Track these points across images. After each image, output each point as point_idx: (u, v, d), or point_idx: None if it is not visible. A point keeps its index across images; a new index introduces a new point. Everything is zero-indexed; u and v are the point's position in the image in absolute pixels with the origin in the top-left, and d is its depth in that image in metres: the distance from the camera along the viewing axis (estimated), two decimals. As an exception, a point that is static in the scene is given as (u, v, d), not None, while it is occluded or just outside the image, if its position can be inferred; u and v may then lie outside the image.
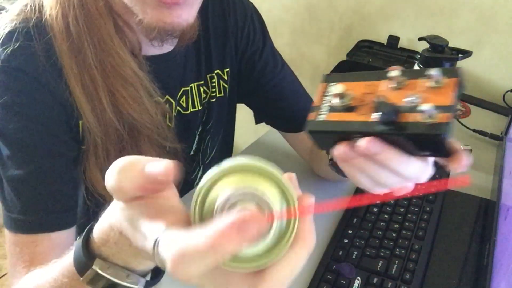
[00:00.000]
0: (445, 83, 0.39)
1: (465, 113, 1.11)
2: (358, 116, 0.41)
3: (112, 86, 0.59)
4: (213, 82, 0.77)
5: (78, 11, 0.57)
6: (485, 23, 1.13)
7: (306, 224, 0.30)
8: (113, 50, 0.59)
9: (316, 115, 0.43)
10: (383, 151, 0.40)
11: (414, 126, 0.38)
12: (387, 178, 0.43)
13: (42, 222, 0.58)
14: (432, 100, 0.38)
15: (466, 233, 0.73)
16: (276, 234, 0.29)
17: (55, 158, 0.59)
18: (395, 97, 0.40)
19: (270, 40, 0.82)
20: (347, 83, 0.44)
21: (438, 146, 0.39)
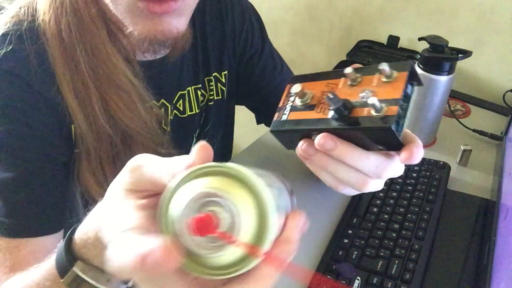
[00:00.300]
0: (396, 77, 0.40)
1: (465, 113, 1.11)
2: (316, 114, 0.43)
3: (105, 93, 0.59)
4: (210, 85, 0.76)
5: (71, 17, 0.57)
6: (485, 23, 1.13)
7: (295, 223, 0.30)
8: (106, 57, 0.58)
9: (279, 115, 0.45)
10: (338, 147, 0.41)
11: (364, 120, 0.39)
12: (346, 174, 0.43)
13: (28, 226, 0.57)
14: (381, 94, 0.39)
15: (466, 233, 0.73)
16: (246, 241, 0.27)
17: (43, 162, 0.58)
18: (350, 94, 0.41)
19: (269, 41, 0.82)
20: (309, 83, 0.45)
21: (389, 139, 0.40)
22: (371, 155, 0.42)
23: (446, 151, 0.95)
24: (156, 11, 0.53)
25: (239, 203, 0.27)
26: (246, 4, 0.79)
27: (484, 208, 0.78)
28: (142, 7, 0.53)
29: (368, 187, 0.44)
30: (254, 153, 0.96)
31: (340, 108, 0.39)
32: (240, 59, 0.79)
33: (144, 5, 0.52)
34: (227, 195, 0.26)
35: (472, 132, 1.00)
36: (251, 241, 0.27)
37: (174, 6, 0.53)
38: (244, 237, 0.26)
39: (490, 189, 0.85)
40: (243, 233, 0.26)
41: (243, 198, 0.27)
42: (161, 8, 0.53)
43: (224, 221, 0.26)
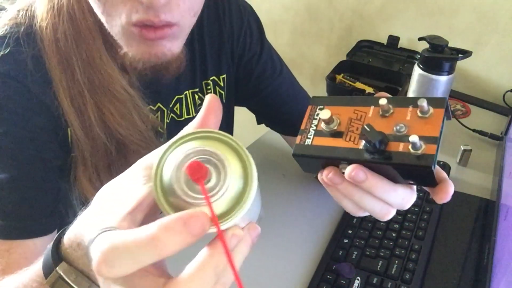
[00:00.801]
0: (432, 114, 0.39)
1: (465, 113, 1.11)
2: (345, 142, 0.41)
3: (100, 102, 0.59)
4: (208, 88, 0.76)
5: (68, 26, 0.57)
6: (485, 23, 1.13)
7: None
8: (101, 67, 0.58)
9: (302, 138, 0.44)
10: (368, 179, 0.40)
11: (400, 156, 0.38)
12: (371, 204, 0.43)
13: (20, 228, 0.57)
14: (418, 130, 0.39)
15: (466, 233, 0.73)
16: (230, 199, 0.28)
17: (36, 164, 0.58)
18: (383, 125, 0.40)
19: (268, 44, 0.81)
20: (335, 107, 0.44)
21: (423, 176, 0.40)
22: (398, 188, 0.42)
23: (446, 151, 0.95)
24: (150, 37, 0.52)
25: (230, 166, 0.28)
26: (245, 7, 0.79)
27: (484, 208, 0.78)
28: (136, 32, 0.52)
29: (390, 216, 0.45)
30: (254, 153, 0.96)
31: (378, 142, 0.39)
32: (238, 62, 0.78)
33: (138, 30, 0.52)
34: (223, 157, 0.28)
35: (472, 132, 1.01)
36: (230, 205, 0.28)
37: (169, 32, 0.53)
38: (225, 199, 0.28)
39: (490, 189, 0.85)
40: (226, 195, 0.28)
41: (234, 164, 0.29)
42: (156, 34, 0.52)
43: (213, 178, 0.28)
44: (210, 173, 0.28)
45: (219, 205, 0.28)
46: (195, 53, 0.73)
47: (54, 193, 0.61)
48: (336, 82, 1.13)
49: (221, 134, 0.30)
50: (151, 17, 0.50)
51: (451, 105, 1.10)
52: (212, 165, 0.28)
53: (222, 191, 0.28)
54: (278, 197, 0.83)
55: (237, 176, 0.28)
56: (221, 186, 0.28)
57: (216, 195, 0.27)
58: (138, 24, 0.51)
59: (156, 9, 0.49)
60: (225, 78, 0.78)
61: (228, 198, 0.28)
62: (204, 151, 0.29)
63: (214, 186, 0.28)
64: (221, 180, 0.28)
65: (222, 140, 0.30)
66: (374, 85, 1.12)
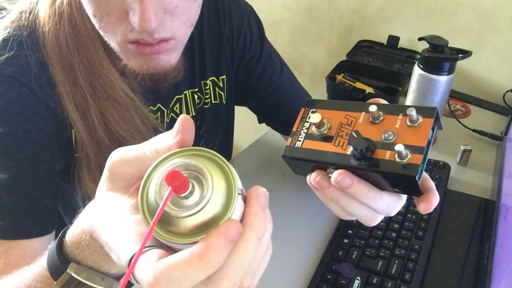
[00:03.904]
0: (421, 123, 0.39)
1: (465, 113, 1.11)
2: (334, 147, 0.42)
3: (102, 107, 0.60)
4: (206, 88, 0.76)
5: (68, 32, 0.58)
6: (485, 23, 1.13)
7: (254, 209, 0.30)
8: (103, 73, 0.59)
9: (292, 141, 0.44)
10: (354, 185, 0.41)
11: (386, 164, 0.38)
12: (357, 210, 0.43)
13: (19, 228, 0.57)
14: (406, 139, 0.39)
15: (466, 233, 0.73)
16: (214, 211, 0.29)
17: (36, 166, 0.59)
18: (372, 132, 0.41)
19: (268, 44, 0.81)
20: (327, 111, 0.44)
21: (408, 186, 0.40)
22: (384, 195, 0.42)
23: (446, 151, 0.95)
24: (146, 53, 0.53)
25: (213, 180, 0.29)
26: (245, 7, 0.78)
27: (484, 208, 0.78)
28: (132, 48, 0.53)
29: (376, 222, 0.45)
30: (254, 153, 0.96)
31: (365, 148, 0.39)
32: (238, 63, 0.78)
33: (134, 47, 0.53)
34: (204, 170, 0.29)
35: (472, 132, 1.01)
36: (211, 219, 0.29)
37: (166, 47, 0.53)
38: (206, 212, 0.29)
39: (490, 189, 0.85)
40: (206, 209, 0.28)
41: (217, 177, 0.30)
42: (152, 50, 0.53)
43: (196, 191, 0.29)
44: (193, 186, 0.29)
45: (202, 215, 0.28)
46: (194, 53, 0.73)
47: (53, 194, 0.61)
48: (336, 82, 1.13)
49: (205, 151, 0.31)
50: (145, 37, 0.51)
51: (451, 105, 1.10)
52: (196, 179, 0.29)
53: (203, 203, 0.28)
54: (278, 197, 0.83)
55: (220, 190, 0.29)
56: (204, 198, 0.28)
57: (198, 206, 0.28)
58: (133, 42, 0.52)
59: (150, 32, 0.50)
60: (224, 79, 0.78)
61: (212, 210, 0.29)
62: (187, 166, 0.29)
63: (199, 199, 0.28)
64: (204, 193, 0.28)
65: (206, 157, 0.31)
66: (374, 85, 1.11)
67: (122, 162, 0.33)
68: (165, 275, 0.26)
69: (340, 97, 1.10)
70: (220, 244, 0.27)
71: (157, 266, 0.27)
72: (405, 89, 1.02)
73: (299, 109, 0.81)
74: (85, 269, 0.36)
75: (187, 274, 0.26)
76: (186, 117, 0.32)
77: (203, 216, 0.28)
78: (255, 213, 0.30)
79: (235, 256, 0.28)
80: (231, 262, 0.28)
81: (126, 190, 0.34)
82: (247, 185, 0.32)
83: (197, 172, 0.29)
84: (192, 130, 0.32)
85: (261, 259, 0.32)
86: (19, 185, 0.57)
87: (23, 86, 0.57)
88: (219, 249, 0.27)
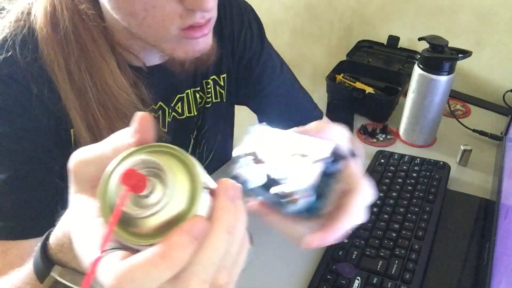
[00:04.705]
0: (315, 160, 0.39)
1: (465, 113, 1.11)
2: None
3: (113, 126, 0.60)
4: (208, 87, 0.77)
5: (78, 56, 0.57)
6: (485, 23, 1.13)
7: (221, 201, 0.29)
8: (115, 91, 0.59)
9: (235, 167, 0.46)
10: (267, 215, 0.42)
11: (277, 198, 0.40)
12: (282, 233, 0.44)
13: (17, 229, 0.57)
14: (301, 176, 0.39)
15: (466, 233, 0.73)
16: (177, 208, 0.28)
17: (35, 166, 0.58)
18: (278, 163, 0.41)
19: (268, 43, 0.81)
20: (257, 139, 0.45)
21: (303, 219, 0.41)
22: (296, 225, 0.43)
23: (446, 151, 0.95)
24: (198, 36, 0.55)
25: (175, 177, 0.28)
26: (246, 7, 0.79)
27: (484, 208, 0.78)
28: (183, 35, 0.54)
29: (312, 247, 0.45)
30: (254, 153, 0.96)
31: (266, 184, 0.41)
32: (238, 62, 0.79)
33: (186, 33, 0.54)
34: (164, 166, 0.27)
35: (472, 132, 1.01)
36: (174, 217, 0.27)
37: (209, 27, 0.56)
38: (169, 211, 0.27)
39: (490, 189, 0.85)
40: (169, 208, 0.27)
41: (179, 173, 0.28)
42: (202, 31, 0.55)
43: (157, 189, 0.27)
44: (154, 185, 0.27)
45: (165, 213, 0.27)
46: None
47: (52, 194, 0.61)
48: (336, 82, 1.13)
49: (166, 146, 0.29)
50: (199, 19, 0.53)
51: (451, 105, 1.10)
52: (157, 177, 0.28)
53: (164, 201, 0.27)
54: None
55: (183, 186, 0.28)
56: (165, 196, 0.27)
57: (159, 205, 0.27)
58: (186, 28, 0.54)
59: (207, 11, 0.52)
60: (225, 77, 0.78)
61: (175, 208, 0.27)
62: (146, 163, 0.28)
63: (160, 197, 0.27)
64: (165, 190, 0.27)
65: (168, 152, 0.29)
66: (374, 85, 1.12)
67: (83, 163, 0.32)
68: (127, 276, 0.25)
69: (340, 97, 1.10)
70: (183, 242, 0.26)
71: (118, 267, 0.26)
72: (405, 89, 1.02)
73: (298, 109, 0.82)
74: (69, 271, 0.35)
75: (149, 274, 0.25)
76: (144, 115, 0.31)
77: (166, 214, 0.27)
78: (222, 206, 0.29)
79: (203, 252, 0.27)
80: (200, 259, 0.27)
81: (92, 191, 0.33)
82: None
83: (157, 169, 0.28)
84: (151, 128, 0.31)
85: (236, 254, 0.31)
86: (18, 185, 0.57)
87: (22, 86, 0.57)
88: (182, 246, 0.26)
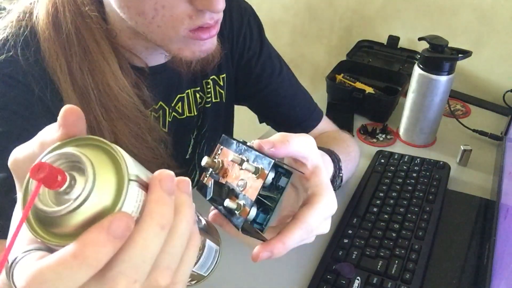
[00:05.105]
0: (259, 175, 0.40)
1: (465, 113, 1.11)
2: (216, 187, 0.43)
3: (114, 126, 0.60)
4: (208, 87, 0.77)
5: (80, 58, 0.57)
6: (485, 23, 1.13)
7: (155, 194, 0.27)
8: (117, 92, 0.59)
9: (203, 177, 0.47)
10: (224, 226, 0.43)
11: (231, 212, 0.40)
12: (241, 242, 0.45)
13: None
14: (248, 191, 0.40)
15: (466, 233, 0.73)
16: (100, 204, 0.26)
17: None
18: (235, 178, 0.42)
19: (267, 44, 0.82)
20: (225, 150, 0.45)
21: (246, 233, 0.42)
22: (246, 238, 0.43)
23: (446, 151, 0.95)
24: (206, 37, 0.55)
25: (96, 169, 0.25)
26: (245, 7, 0.79)
27: (484, 208, 0.78)
28: (191, 36, 0.54)
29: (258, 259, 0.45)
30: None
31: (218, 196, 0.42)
32: (238, 62, 0.79)
33: (194, 34, 0.54)
34: (83, 158, 0.25)
35: (472, 132, 1.01)
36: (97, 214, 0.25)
37: (217, 28, 0.57)
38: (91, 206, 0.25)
39: (490, 189, 0.85)
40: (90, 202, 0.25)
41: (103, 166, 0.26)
42: (210, 33, 0.55)
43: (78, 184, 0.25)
44: (74, 179, 0.25)
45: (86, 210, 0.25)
46: None
47: None
48: (336, 82, 1.13)
49: (92, 139, 0.27)
50: (208, 19, 0.53)
51: (451, 105, 1.10)
52: (79, 170, 0.26)
53: (83, 195, 0.25)
54: (278, 197, 0.83)
55: (106, 179, 0.26)
56: (84, 190, 0.25)
57: (77, 200, 0.25)
58: (194, 29, 0.54)
59: (218, 12, 0.52)
60: (225, 77, 0.78)
61: (97, 203, 0.25)
62: (66, 156, 0.26)
63: (80, 192, 0.25)
64: (85, 184, 0.25)
65: (93, 145, 0.27)
66: (374, 85, 1.12)
67: (17, 161, 0.32)
68: (37, 278, 0.24)
69: (340, 97, 1.10)
70: (99, 240, 0.24)
71: (30, 268, 0.24)
72: (405, 89, 1.02)
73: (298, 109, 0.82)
74: None
75: (61, 275, 0.23)
76: (70, 109, 0.28)
77: (87, 210, 0.25)
78: (156, 199, 0.27)
79: (130, 249, 0.25)
80: (126, 256, 0.25)
81: None
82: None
83: (78, 162, 0.26)
84: (78, 122, 0.28)
85: (180, 252, 0.29)
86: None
87: (23, 86, 0.57)
88: (97, 245, 0.24)
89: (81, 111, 0.29)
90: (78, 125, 0.28)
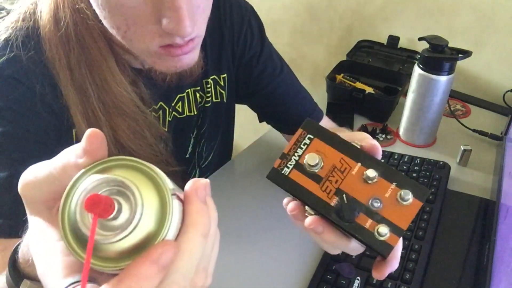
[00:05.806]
0: (410, 203, 0.38)
1: (465, 113, 1.11)
2: (320, 191, 0.40)
3: (113, 122, 0.60)
4: (208, 87, 0.77)
5: (78, 52, 0.57)
6: (485, 23, 1.13)
7: (195, 205, 0.28)
8: (115, 88, 0.60)
9: (281, 164, 0.42)
10: (324, 233, 0.42)
11: (364, 233, 0.38)
12: (325, 245, 0.46)
13: (16, 227, 0.56)
14: (391, 214, 0.38)
15: (466, 233, 0.73)
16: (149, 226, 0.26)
17: None
18: (361, 192, 0.40)
19: (268, 43, 0.82)
20: (324, 145, 0.42)
21: (377, 254, 0.40)
22: (351, 244, 0.44)
23: (446, 151, 0.95)
24: (177, 54, 0.54)
25: (141, 191, 0.26)
26: (246, 6, 0.79)
27: (484, 208, 0.78)
28: (162, 52, 0.54)
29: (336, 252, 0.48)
30: (254, 153, 0.96)
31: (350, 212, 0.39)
32: (239, 62, 0.79)
33: (164, 50, 0.54)
34: (127, 182, 0.25)
35: (472, 132, 1.01)
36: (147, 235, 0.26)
37: (192, 45, 0.55)
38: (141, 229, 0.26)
39: (490, 189, 0.85)
40: (141, 226, 0.26)
41: (145, 187, 0.26)
42: (182, 50, 0.54)
43: (124, 208, 0.25)
44: (120, 204, 0.25)
45: (137, 234, 0.25)
46: None
47: None
48: (336, 82, 1.13)
49: (123, 159, 0.27)
50: (178, 40, 0.52)
51: (451, 105, 1.10)
52: (121, 195, 0.26)
53: (136, 220, 0.25)
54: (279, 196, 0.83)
55: (151, 199, 0.26)
56: (136, 214, 0.25)
57: (130, 226, 0.25)
58: (165, 46, 0.53)
59: (186, 36, 0.51)
60: (225, 77, 0.78)
61: (144, 228, 0.26)
62: (106, 181, 0.26)
63: (129, 217, 0.25)
64: (134, 208, 0.25)
65: (126, 165, 0.27)
66: (374, 85, 1.12)
67: (31, 185, 0.31)
68: None
69: (340, 97, 1.10)
70: (152, 273, 0.25)
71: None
72: (405, 89, 1.02)
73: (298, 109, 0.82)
74: (38, 285, 0.34)
75: None
76: (95, 133, 0.28)
77: (136, 236, 0.25)
78: (196, 210, 0.28)
79: (179, 260, 0.26)
80: (179, 267, 0.26)
81: (48, 212, 0.31)
82: (248, 185, 0.32)
83: (119, 186, 0.26)
84: (102, 146, 0.28)
85: (210, 252, 0.30)
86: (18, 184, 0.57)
87: (24, 86, 0.57)
88: (149, 278, 0.25)
89: (103, 135, 0.29)
90: (102, 148, 0.28)
